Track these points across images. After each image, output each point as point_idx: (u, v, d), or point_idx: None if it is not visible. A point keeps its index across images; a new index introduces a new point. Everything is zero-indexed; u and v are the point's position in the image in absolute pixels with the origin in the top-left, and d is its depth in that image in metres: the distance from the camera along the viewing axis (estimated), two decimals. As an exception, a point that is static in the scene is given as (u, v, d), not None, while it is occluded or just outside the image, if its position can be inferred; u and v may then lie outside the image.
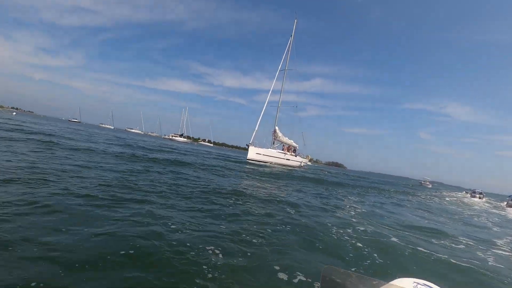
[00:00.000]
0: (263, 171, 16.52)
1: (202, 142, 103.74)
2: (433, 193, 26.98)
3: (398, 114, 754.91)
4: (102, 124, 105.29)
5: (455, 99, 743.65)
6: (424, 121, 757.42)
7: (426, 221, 7.97)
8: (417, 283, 1.31)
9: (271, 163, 26.25)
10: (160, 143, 33.96)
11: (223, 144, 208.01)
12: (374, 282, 1.15)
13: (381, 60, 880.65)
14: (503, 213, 16.69)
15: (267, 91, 28.30)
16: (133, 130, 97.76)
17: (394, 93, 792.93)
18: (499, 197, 51.48)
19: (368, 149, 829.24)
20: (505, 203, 25.09)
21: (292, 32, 30.00)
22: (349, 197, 10.85)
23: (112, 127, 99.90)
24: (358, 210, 7.80)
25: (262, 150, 26.03)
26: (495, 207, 20.65)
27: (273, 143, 30.03)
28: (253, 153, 25.25)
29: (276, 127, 29.83)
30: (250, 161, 24.51)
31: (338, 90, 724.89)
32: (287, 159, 28.69)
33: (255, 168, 18.13)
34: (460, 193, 39.96)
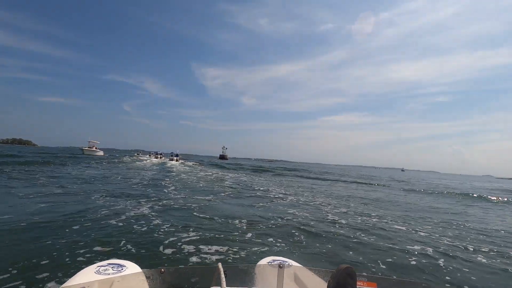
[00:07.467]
0: None
1: None
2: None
3: (101, 85, 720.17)
4: None
5: (150, 75, 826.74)
6: (127, 94, 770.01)
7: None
8: (274, 259, 1.57)
9: None
10: None
11: None
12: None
13: (84, 22, 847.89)
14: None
15: None
16: None
17: (95, 61, 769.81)
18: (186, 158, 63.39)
19: (69, 122, 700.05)
20: (169, 158, 41.36)
21: None
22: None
23: None
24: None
25: None
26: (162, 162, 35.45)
27: None
28: None
29: None
30: None
31: (18, 44, 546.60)
32: None
33: None
34: (146, 156, 46.46)
